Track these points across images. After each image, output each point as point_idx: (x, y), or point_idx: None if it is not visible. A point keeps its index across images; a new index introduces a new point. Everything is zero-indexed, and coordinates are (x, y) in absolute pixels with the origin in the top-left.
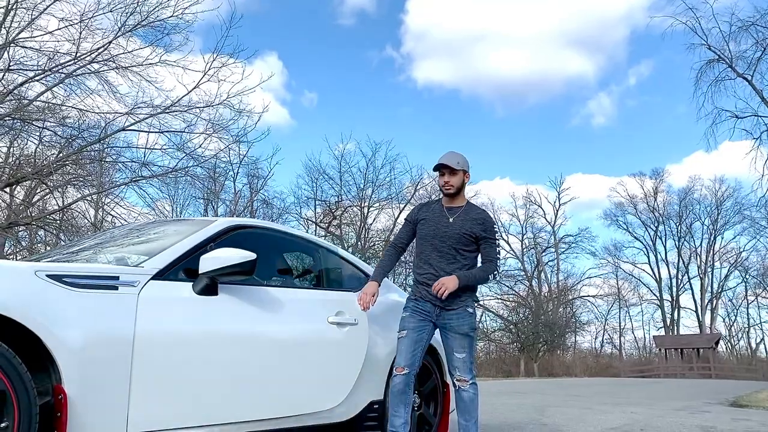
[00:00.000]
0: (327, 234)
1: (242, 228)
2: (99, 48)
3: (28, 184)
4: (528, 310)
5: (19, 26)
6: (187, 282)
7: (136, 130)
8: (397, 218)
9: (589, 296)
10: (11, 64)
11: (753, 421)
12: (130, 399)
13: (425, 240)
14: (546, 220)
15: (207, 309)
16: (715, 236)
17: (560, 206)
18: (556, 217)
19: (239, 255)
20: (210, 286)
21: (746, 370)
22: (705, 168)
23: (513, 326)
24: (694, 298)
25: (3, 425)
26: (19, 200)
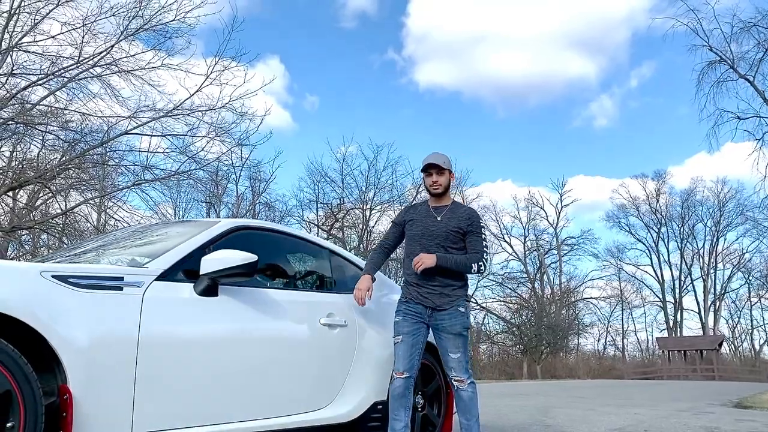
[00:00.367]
0: (329, 236)
1: (246, 229)
2: (101, 52)
3: (31, 188)
4: (531, 313)
5: (22, 31)
6: (189, 283)
7: (139, 134)
8: None
9: (592, 298)
10: (14, 69)
11: (757, 422)
12: (135, 399)
13: (414, 240)
14: (548, 222)
15: (209, 310)
16: (718, 238)
17: (562, 208)
18: (559, 219)
19: (240, 257)
20: (211, 287)
21: (750, 372)
22: (707, 169)
23: (516, 328)
24: (697, 300)
25: (9, 425)
26: (22, 204)
